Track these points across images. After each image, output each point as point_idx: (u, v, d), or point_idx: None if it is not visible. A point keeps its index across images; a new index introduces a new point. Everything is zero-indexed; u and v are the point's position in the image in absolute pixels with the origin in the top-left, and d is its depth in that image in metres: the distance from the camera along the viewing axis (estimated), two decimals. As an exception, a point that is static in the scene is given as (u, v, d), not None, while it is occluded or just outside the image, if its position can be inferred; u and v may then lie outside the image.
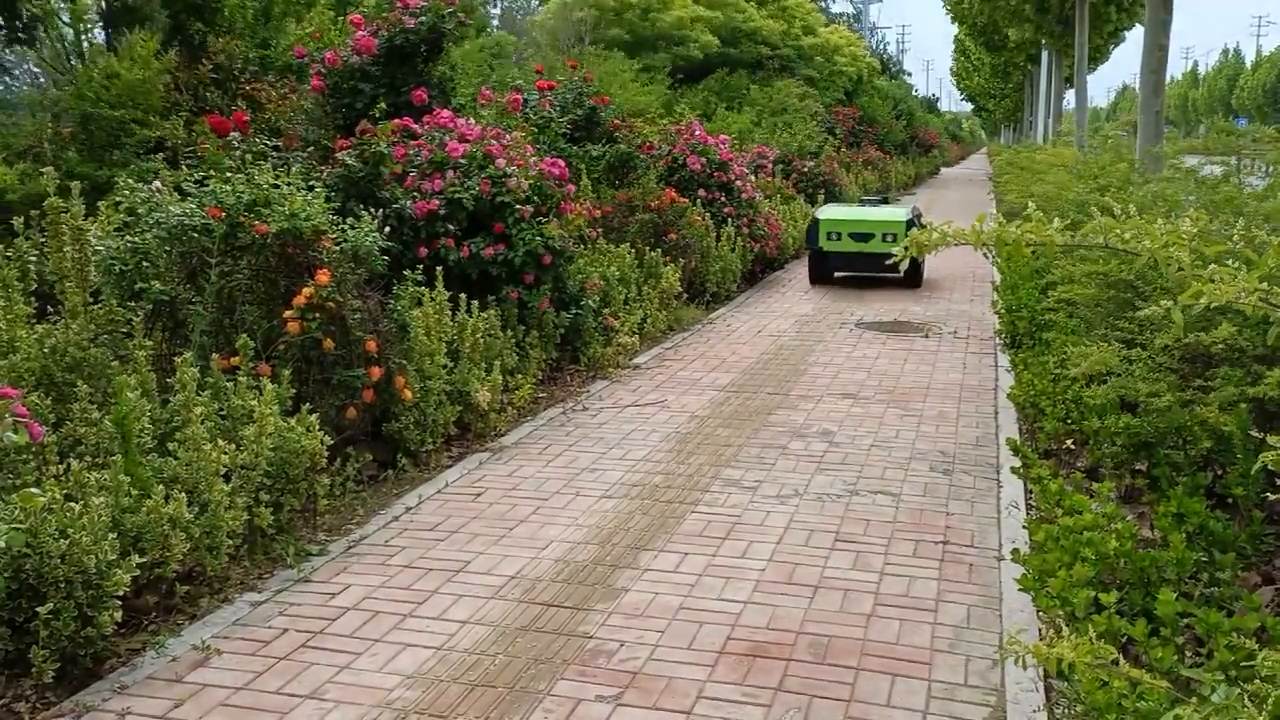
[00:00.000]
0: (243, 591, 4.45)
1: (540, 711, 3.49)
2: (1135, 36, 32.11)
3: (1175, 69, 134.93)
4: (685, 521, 5.23)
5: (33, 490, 3.47)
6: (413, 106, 8.44)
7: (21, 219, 5.51)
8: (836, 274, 13.39)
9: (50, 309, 5.22)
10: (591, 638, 4.01)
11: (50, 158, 8.07)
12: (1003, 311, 9.08)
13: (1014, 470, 5.39)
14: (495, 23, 23.60)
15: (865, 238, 12.53)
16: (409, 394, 5.86)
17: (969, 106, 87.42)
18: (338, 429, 5.46)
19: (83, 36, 9.95)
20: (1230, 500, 4.57)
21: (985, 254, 12.29)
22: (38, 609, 3.53)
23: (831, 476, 5.91)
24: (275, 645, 3.98)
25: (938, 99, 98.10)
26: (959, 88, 73.60)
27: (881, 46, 65.41)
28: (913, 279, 13.04)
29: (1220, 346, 4.40)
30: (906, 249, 2.26)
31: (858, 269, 13.09)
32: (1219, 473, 4.93)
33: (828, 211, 13.37)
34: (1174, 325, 2.09)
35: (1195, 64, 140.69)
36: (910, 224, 12.16)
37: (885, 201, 14.97)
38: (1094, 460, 5.46)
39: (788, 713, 3.48)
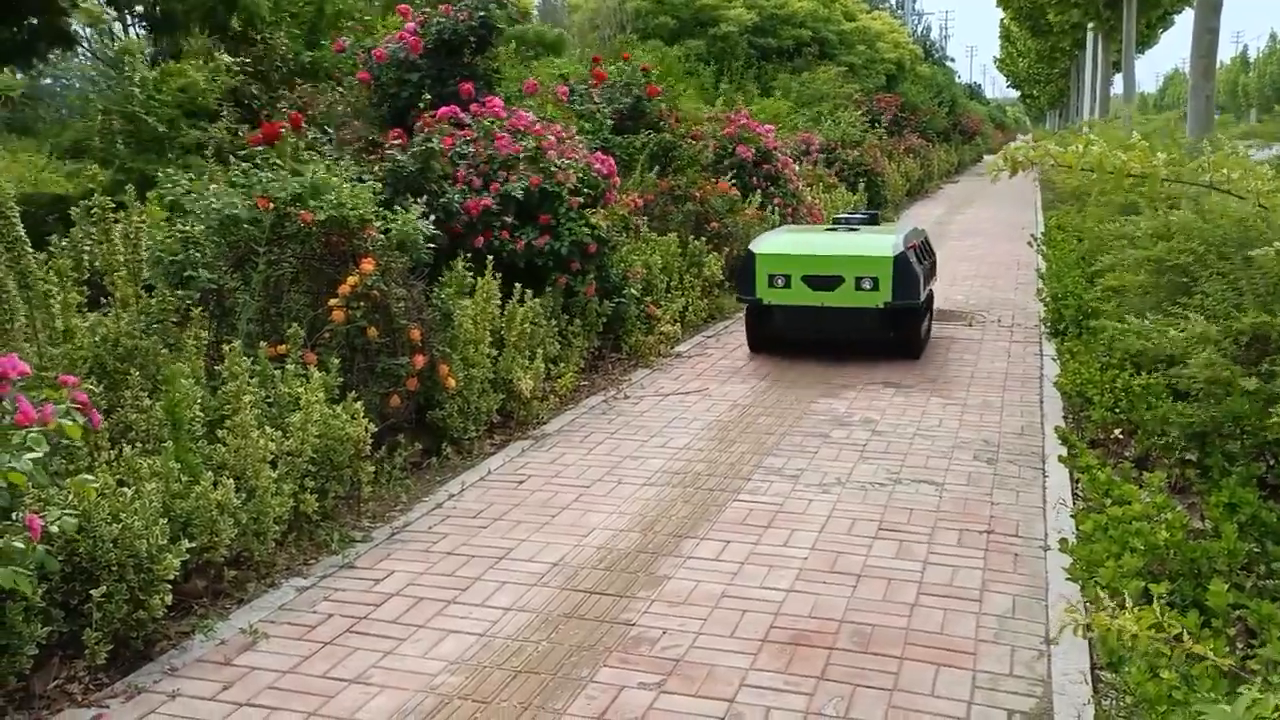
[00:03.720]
0: (289, 577, 4.50)
1: (583, 698, 3.50)
2: (1185, 20, 31.56)
3: (1225, 54, 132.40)
4: (727, 510, 5.22)
5: (86, 477, 3.52)
6: (458, 98, 8.48)
7: (78, 209, 5.59)
8: (790, 337, 8.79)
9: (103, 299, 5.30)
10: (634, 625, 4.01)
11: (100, 153, 8.21)
12: (1048, 299, 8.97)
13: (1060, 459, 5.32)
14: (536, 13, 23.61)
15: (828, 283, 8.08)
16: (452, 382, 5.90)
17: (1014, 94, 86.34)
18: (382, 417, 5.51)
19: (130, 29, 10.09)
20: (1284, 491, 4.48)
21: (1031, 240, 12.11)
22: (91, 592, 3.60)
23: (874, 465, 5.87)
24: (321, 630, 4.03)
25: (981, 86, 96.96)
26: (1004, 74, 72.74)
27: (924, 32, 64.73)
28: (907, 345, 8.46)
29: None
30: (1004, 164, 2.13)
31: (818, 330, 8.52)
32: (1272, 463, 4.84)
33: (771, 242, 8.64)
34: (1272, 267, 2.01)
35: (1245, 48, 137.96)
36: (902, 260, 7.98)
37: (872, 222, 10.02)
38: (1143, 450, 5.38)
39: (830, 701, 3.47)
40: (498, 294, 6.58)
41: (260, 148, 6.34)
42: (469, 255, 6.65)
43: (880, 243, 8.26)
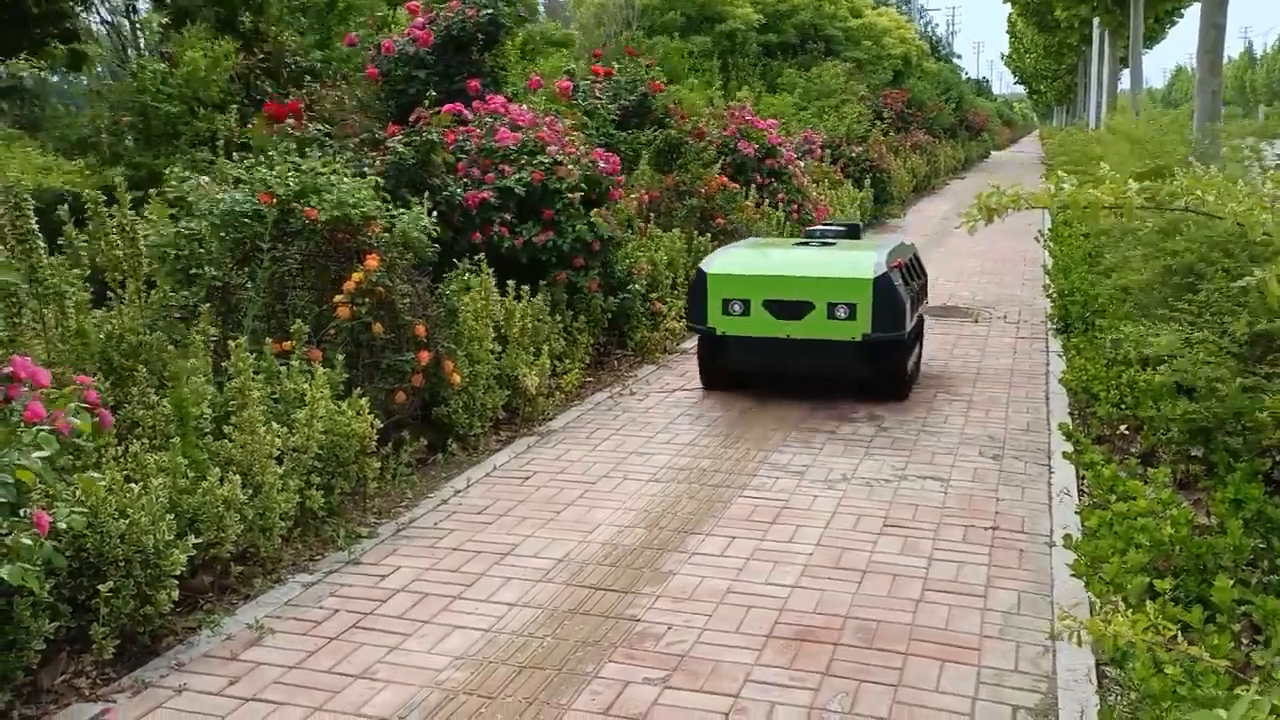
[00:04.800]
0: (295, 572, 4.52)
1: (588, 693, 3.51)
2: (1192, 15, 31.46)
3: (1233, 49, 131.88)
4: (732, 505, 5.22)
5: (94, 475, 3.54)
6: (465, 95, 8.49)
7: (67, 207, 5.60)
8: (748, 374, 7.49)
9: (110, 294, 5.31)
10: (639, 621, 4.02)
11: (108, 148, 8.23)
12: (1055, 296, 8.96)
13: (1066, 456, 5.31)
14: (542, 6, 23.61)
15: (795, 310, 6.79)
16: (457, 378, 5.91)
17: (1022, 90, 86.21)
18: (387, 413, 5.52)
19: (139, 29, 10.13)
20: (1290, 487, 4.48)
21: (1038, 236, 12.09)
22: (98, 587, 3.62)
23: (879, 461, 5.87)
24: (326, 625, 4.04)
25: (988, 81, 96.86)
26: (1011, 70, 72.66)
27: (930, 29, 64.68)
28: (890, 384, 7.12)
29: None
30: (976, 215, 2.13)
31: (782, 366, 7.25)
32: (1278, 458, 4.84)
33: (726, 259, 7.34)
34: (1269, 293, 2.01)
35: (1251, 44, 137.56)
36: (884, 283, 6.64)
37: (853, 235, 8.41)
38: (1149, 446, 5.38)
39: (835, 697, 3.47)
40: (495, 290, 6.58)
41: (254, 135, 6.35)
42: (470, 253, 6.66)
43: (858, 261, 6.95)
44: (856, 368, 6.99)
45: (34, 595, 3.37)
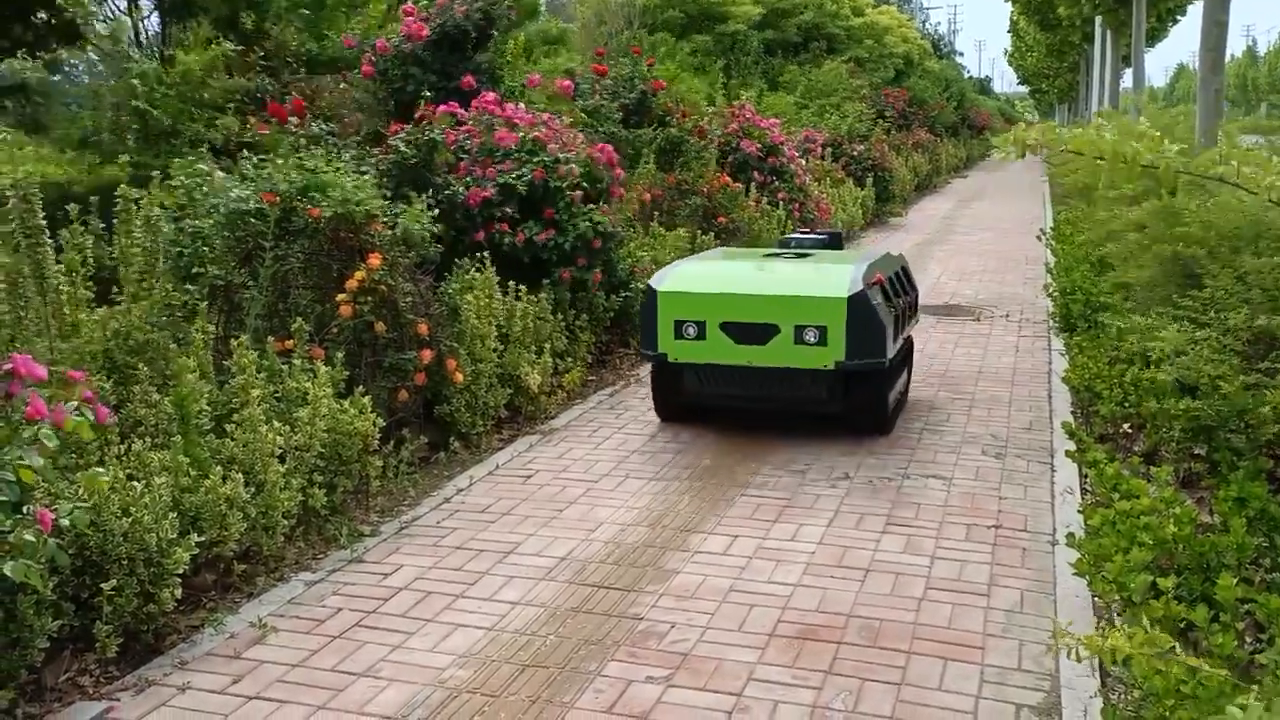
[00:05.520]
0: (298, 571, 4.52)
1: (591, 692, 3.51)
2: (1194, 12, 31.44)
3: (1235, 47, 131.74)
4: (735, 504, 5.22)
5: (98, 471, 3.54)
6: (461, 92, 8.49)
7: (78, 207, 5.60)
8: (708, 405, 6.56)
9: (113, 292, 5.31)
10: (642, 619, 4.02)
11: (108, 147, 8.22)
12: (1057, 294, 8.95)
13: (1068, 454, 5.31)
14: (544, 7, 23.57)
15: (758, 334, 5.95)
16: (460, 377, 5.91)
17: (1024, 89, 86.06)
18: (390, 411, 5.52)
19: (140, 23, 10.13)
20: (1293, 485, 4.47)
21: (1039, 235, 12.08)
22: (101, 585, 3.62)
23: (882, 459, 5.87)
24: (330, 624, 4.04)
25: (990, 80, 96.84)
26: (1013, 68, 72.62)
27: (932, 27, 64.61)
28: (869, 418, 6.26)
29: None
30: (1012, 148, 2.05)
31: (745, 398, 6.34)
32: (1281, 457, 4.84)
33: (680, 275, 6.40)
34: None
35: (1254, 42, 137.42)
36: (860, 302, 5.79)
37: (833, 245, 7.60)
38: (1152, 444, 5.37)
39: (838, 696, 3.47)
40: (497, 289, 6.57)
41: (263, 135, 6.34)
42: (473, 251, 6.65)
43: (831, 277, 6.10)
44: (828, 400, 6.13)
45: (37, 593, 3.37)
